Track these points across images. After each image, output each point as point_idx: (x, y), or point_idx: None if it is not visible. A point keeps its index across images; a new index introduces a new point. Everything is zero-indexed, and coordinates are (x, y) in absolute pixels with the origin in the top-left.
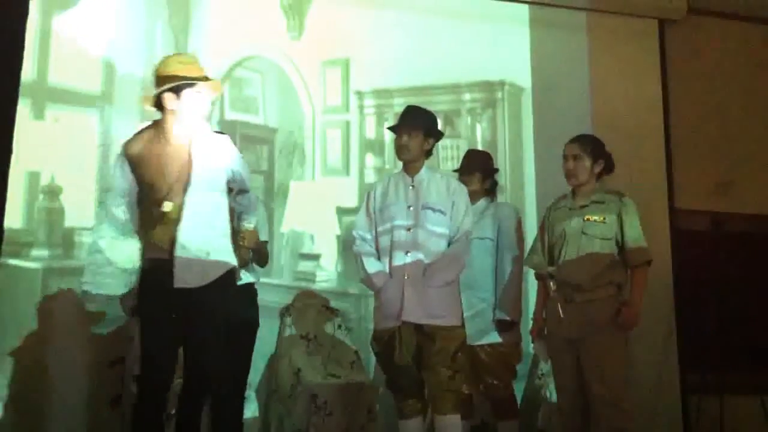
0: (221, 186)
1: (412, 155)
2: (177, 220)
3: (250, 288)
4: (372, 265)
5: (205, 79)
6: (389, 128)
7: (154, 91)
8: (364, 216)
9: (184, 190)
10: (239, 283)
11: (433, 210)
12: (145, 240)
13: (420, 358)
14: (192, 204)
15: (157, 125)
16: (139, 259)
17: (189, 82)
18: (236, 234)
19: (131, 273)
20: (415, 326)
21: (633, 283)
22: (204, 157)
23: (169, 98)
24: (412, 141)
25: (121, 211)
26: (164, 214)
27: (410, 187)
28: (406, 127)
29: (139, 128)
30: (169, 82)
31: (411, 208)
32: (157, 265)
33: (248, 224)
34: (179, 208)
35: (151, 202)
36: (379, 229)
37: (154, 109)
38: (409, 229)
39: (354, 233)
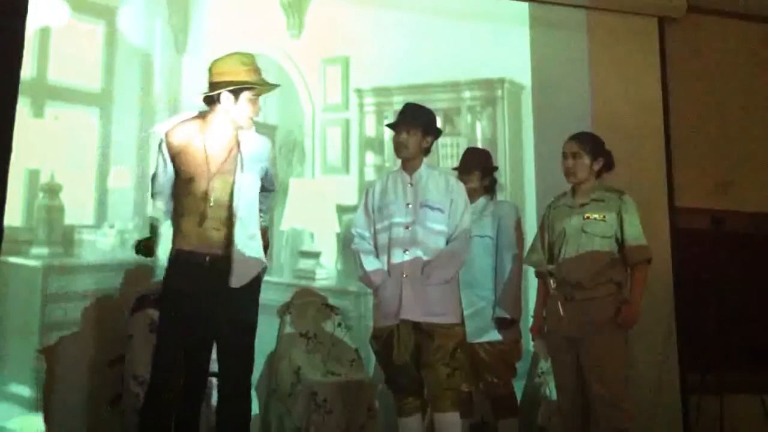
0: (259, 185)
1: (411, 153)
2: (227, 218)
3: (249, 285)
4: (370, 263)
5: (264, 83)
6: (388, 125)
7: (211, 88)
8: (363, 214)
9: (231, 187)
10: None
11: (432, 208)
12: (184, 231)
13: (419, 356)
14: (242, 202)
15: (203, 118)
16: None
17: (249, 86)
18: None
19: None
20: (413, 324)
21: (633, 282)
22: (251, 156)
23: (226, 98)
24: (411, 138)
25: (161, 199)
26: (208, 208)
27: (409, 185)
28: (404, 124)
29: (181, 118)
30: (229, 83)
31: (409, 206)
32: (205, 261)
33: (264, 223)
34: (227, 205)
35: (190, 195)
36: (378, 226)
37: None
38: (407, 227)
39: (353, 231)
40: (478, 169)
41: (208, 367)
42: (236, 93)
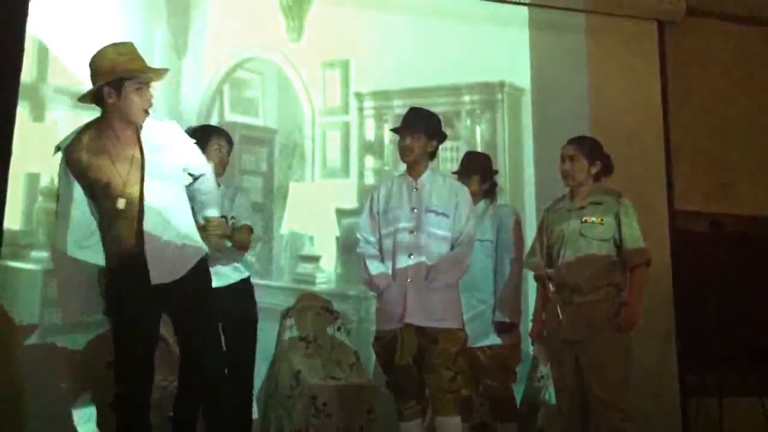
0: (178, 175)
1: (415, 157)
2: (138, 215)
3: (245, 283)
4: (375, 267)
5: (147, 70)
6: (392, 130)
7: (90, 87)
8: (368, 218)
9: (141, 184)
10: (234, 279)
11: (436, 213)
12: (108, 238)
13: (421, 360)
14: (152, 196)
15: (98, 122)
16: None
17: (129, 76)
18: (202, 228)
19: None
20: (416, 328)
21: (632, 284)
22: (155, 148)
23: (108, 94)
24: (415, 143)
25: (78, 215)
26: (119, 211)
27: (414, 190)
28: (408, 129)
29: (77, 129)
30: (107, 77)
31: (414, 211)
32: (128, 262)
33: (211, 213)
34: (138, 202)
35: (107, 201)
36: (383, 231)
37: (93, 105)
38: (412, 232)
39: (357, 235)
40: (477, 172)
41: (202, 362)
42: (117, 87)
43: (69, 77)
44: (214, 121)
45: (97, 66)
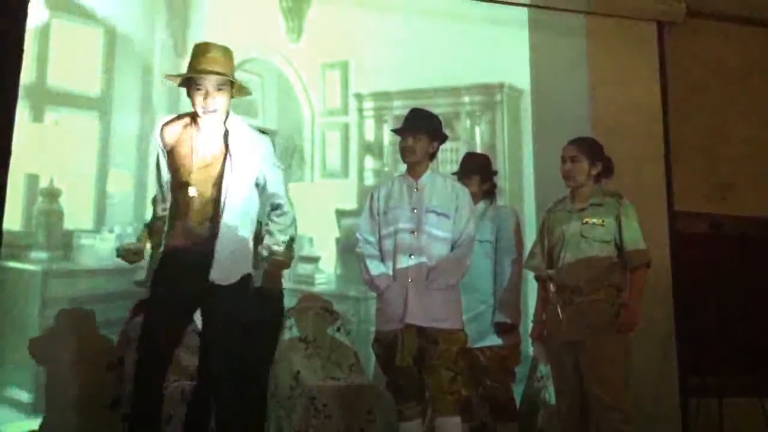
0: (250, 183)
1: (417, 158)
2: (215, 210)
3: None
4: (375, 267)
5: (198, 71)
6: (393, 131)
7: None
8: (368, 218)
9: (216, 180)
10: None
11: (437, 213)
12: (175, 228)
13: (421, 361)
14: (230, 198)
15: (194, 113)
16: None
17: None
18: (265, 251)
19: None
20: (417, 329)
21: (632, 285)
22: (239, 151)
23: (185, 91)
24: (417, 144)
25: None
26: (191, 200)
27: (414, 190)
28: (410, 129)
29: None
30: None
31: (415, 211)
32: (189, 254)
33: (278, 246)
34: (215, 198)
35: (178, 188)
36: (383, 231)
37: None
38: (412, 232)
39: (358, 235)
40: (477, 173)
41: (215, 367)
42: (186, 85)
43: (69, 78)
44: None
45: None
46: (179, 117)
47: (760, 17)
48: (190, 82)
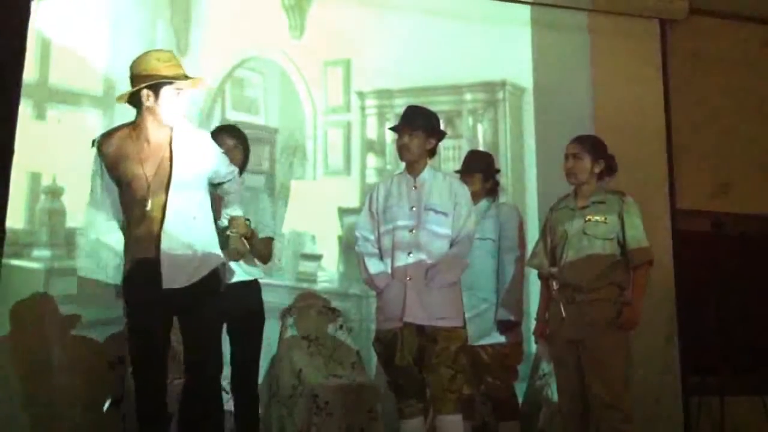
0: (203, 183)
1: (414, 155)
2: (160, 219)
3: (253, 284)
4: (374, 266)
5: (185, 77)
6: (391, 128)
7: (130, 89)
8: (367, 216)
9: (166, 188)
10: (242, 278)
11: (436, 211)
12: (129, 239)
13: (421, 359)
14: (175, 202)
15: (133, 123)
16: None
17: (168, 80)
18: (225, 227)
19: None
20: (416, 327)
21: (634, 283)
22: (185, 155)
23: (146, 96)
24: (414, 141)
25: (106, 207)
26: (146, 212)
27: (413, 188)
28: (406, 127)
29: (114, 126)
30: (147, 80)
31: (414, 209)
32: (143, 265)
33: (234, 212)
34: (162, 207)
35: (131, 201)
36: (382, 229)
37: (129, 107)
38: (411, 230)
39: (356, 233)
40: (479, 171)
41: (205, 368)
42: (155, 90)
43: (71, 76)
44: (215, 119)
45: (138, 70)
46: (116, 129)
47: (762, 15)
48: (164, 87)
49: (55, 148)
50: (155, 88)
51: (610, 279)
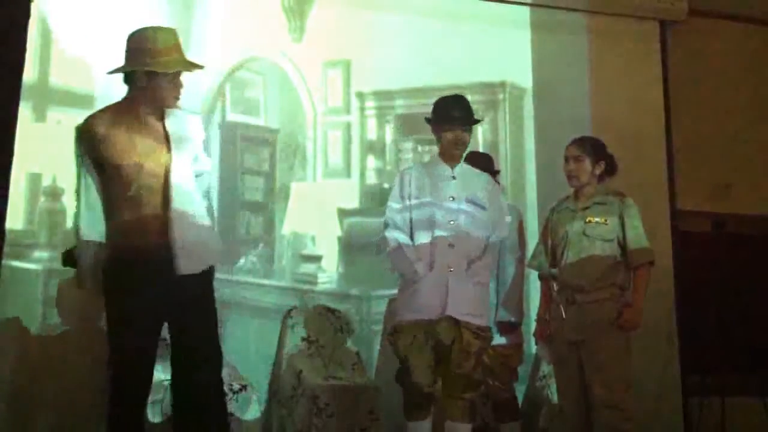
0: (191, 167)
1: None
2: (164, 202)
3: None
4: (413, 253)
5: (183, 63)
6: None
7: (128, 64)
8: (399, 203)
9: (165, 171)
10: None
11: (476, 204)
12: (118, 225)
13: (439, 359)
14: (180, 182)
15: (123, 103)
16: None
17: (164, 70)
18: None
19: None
20: (454, 321)
21: (635, 284)
22: (181, 137)
23: (140, 77)
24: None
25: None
26: (141, 195)
27: (452, 178)
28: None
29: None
30: (141, 59)
31: (454, 200)
32: (147, 251)
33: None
34: (161, 190)
35: (119, 185)
36: (415, 218)
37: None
38: (452, 221)
39: (388, 220)
40: None
41: (208, 356)
42: (150, 72)
43: (71, 77)
44: (216, 120)
45: (135, 47)
46: (101, 111)
47: (762, 16)
48: (160, 74)
49: (55, 149)
50: (150, 71)
51: (610, 280)
